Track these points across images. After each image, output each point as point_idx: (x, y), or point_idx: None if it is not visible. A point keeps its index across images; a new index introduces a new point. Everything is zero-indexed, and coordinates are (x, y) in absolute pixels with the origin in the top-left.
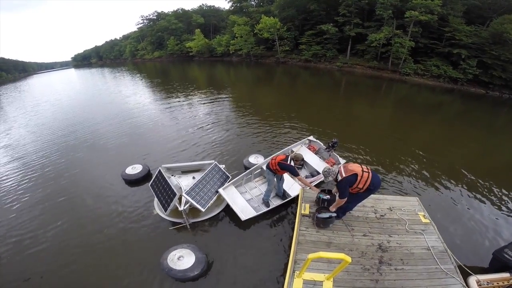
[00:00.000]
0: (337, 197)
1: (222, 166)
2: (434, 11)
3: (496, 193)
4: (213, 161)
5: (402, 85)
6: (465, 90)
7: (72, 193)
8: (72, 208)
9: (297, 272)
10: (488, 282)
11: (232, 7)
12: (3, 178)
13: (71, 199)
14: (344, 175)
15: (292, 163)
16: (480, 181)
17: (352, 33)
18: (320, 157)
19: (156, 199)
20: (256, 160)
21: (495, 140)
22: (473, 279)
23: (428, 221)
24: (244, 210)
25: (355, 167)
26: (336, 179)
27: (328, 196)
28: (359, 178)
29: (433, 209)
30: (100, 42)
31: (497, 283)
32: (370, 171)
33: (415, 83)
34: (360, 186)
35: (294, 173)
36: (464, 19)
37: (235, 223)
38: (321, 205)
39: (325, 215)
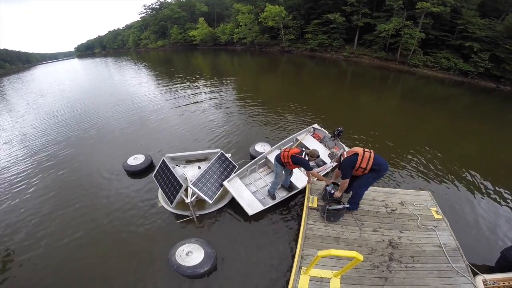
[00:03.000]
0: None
1: (228, 155)
2: (447, 3)
3: (508, 189)
4: (219, 149)
5: (410, 77)
6: (475, 83)
7: (71, 185)
8: (71, 200)
9: (304, 268)
10: (494, 282)
11: None
12: (4, 168)
13: (70, 190)
14: (345, 156)
15: (307, 157)
16: (491, 175)
17: (360, 23)
18: (325, 146)
19: (160, 191)
20: (263, 148)
21: (506, 135)
22: (479, 278)
23: (441, 217)
24: (251, 204)
25: (356, 148)
26: (339, 162)
27: (334, 191)
28: (360, 157)
29: (443, 204)
30: (103, 32)
31: (503, 283)
32: (371, 152)
33: (423, 75)
34: (363, 165)
35: (307, 168)
36: (479, 12)
37: (241, 215)
38: (328, 198)
39: (337, 206)
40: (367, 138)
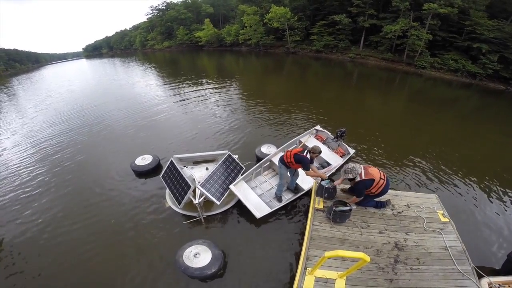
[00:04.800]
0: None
1: (235, 157)
2: (455, 4)
3: None
4: (227, 151)
5: (417, 78)
6: (483, 85)
7: (80, 185)
8: (80, 199)
9: (309, 268)
10: (500, 285)
11: None
12: (12, 165)
13: (79, 190)
14: (363, 177)
15: (309, 156)
16: (499, 179)
17: (366, 24)
18: (328, 147)
19: (168, 191)
20: (268, 150)
21: None
22: (485, 281)
23: (447, 219)
24: (258, 207)
25: (375, 173)
26: (353, 179)
27: (330, 186)
28: (375, 183)
29: (450, 206)
30: (110, 33)
31: (509, 286)
32: (386, 179)
33: (430, 77)
34: (373, 191)
35: (306, 167)
36: (487, 13)
37: (247, 217)
38: (324, 194)
39: (343, 208)
40: (373, 140)
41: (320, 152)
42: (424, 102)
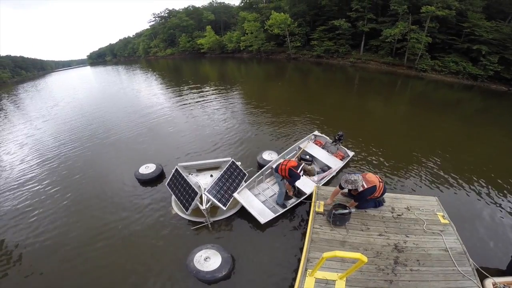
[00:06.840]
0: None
1: (238, 163)
2: (452, 6)
3: None
4: (230, 158)
5: (418, 82)
6: (485, 87)
7: (87, 194)
8: (86, 208)
9: (310, 270)
10: (504, 285)
11: (242, 3)
12: (18, 175)
13: (86, 199)
14: (365, 186)
15: (302, 173)
16: (501, 182)
17: (365, 28)
18: (328, 151)
19: (174, 198)
20: (270, 156)
21: None
22: (489, 282)
23: (447, 221)
24: (262, 213)
25: (374, 179)
26: (357, 191)
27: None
28: (377, 188)
29: (451, 209)
30: (114, 40)
31: None
32: (383, 182)
33: (432, 80)
34: (377, 194)
35: (292, 182)
36: (484, 14)
37: (251, 221)
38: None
39: (343, 211)
40: (375, 144)
41: (314, 175)
42: (425, 105)
